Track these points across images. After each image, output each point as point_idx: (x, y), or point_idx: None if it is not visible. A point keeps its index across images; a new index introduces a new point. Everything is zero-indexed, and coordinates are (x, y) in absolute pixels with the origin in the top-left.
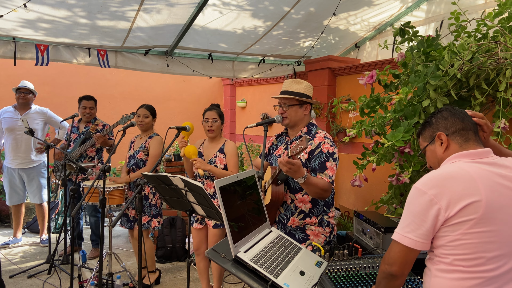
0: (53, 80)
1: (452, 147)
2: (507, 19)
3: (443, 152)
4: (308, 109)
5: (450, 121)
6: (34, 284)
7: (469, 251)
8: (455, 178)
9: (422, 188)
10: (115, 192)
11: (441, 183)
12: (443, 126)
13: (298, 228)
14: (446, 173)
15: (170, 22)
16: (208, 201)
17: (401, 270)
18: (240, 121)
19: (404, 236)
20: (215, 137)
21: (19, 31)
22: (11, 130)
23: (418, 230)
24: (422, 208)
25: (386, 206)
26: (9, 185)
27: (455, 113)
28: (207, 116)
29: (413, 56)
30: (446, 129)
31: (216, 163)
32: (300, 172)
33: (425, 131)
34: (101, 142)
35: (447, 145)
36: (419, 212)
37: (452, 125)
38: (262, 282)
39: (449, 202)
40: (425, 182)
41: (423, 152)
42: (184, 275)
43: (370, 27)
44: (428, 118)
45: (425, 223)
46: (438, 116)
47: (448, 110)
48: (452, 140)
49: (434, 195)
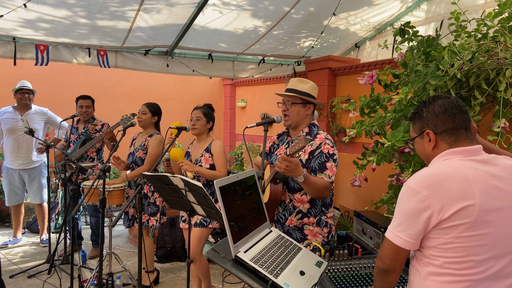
0: (53, 80)
1: (441, 146)
2: (507, 19)
3: (431, 150)
4: (311, 109)
5: (441, 119)
6: (34, 284)
7: (460, 254)
8: (450, 179)
9: (415, 187)
10: (115, 192)
11: (435, 184)
12: (433, 124)
13: (296, 228)
14: (440, 172)
15: (170, 22)
16: (208, 201)
17: (393, 266)
18: (240, 121)
19: (395, 235)
20: (200, 136)
21: (19, 31)
22: (12, 131)
23: (409, 230)
24: (414, 209)
25: (386, 206)
26: (8, 186)
27: (447, 109)
28: (192, 115)
29: (413, 56)
30: (435, 127)
31: (202, 162)
32: (298, 170)
33: (416, 121)
34: (110, 137)
35: (435, 144)
36: (411, 213)
37: (442, 124)
38: (262, 282)
39: (442, 205)
40: (418, 181)
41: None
42: (184, 275)
43: (370, 27)
44: (420, 107)
45: (416, 224)
46: (430, 110)
47: (441, 104)
48: (441, 139)
49: (428, 196)
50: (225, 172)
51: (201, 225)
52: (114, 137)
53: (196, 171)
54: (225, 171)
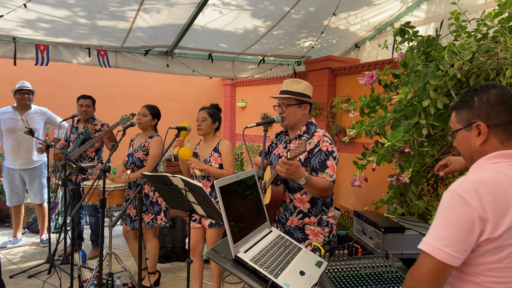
0: (53, 80)
1: (491, 142)
2: (507, 19)
3: (479, 145)
4: (307, 108)
5: (497, 110)
6: (34, 284)
7: (504, 275)
8: (504, 190)
9: (466, 196)
10: (115, 192)
11: (488, 194)
12: (486, 115)
13: (297, 228)
14: (495, 181)
15: (170, 22)
16: (208, 201)
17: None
18: (240, 121)
19: (440, 250)
20: (206, 136)
21: (19, 31)
22: (12, 131)
23: (460, 245)
24: (467, 221)
25: (386, 206)
26: (9, 186)
27: (505, 100)
28: (198, 116)
29: (413, 56)
30: (488, 119)
31: (211, 162)
32: (300, 173)
33: (463, 111)
34: (109, 136)
35: (486, 139)
36: (463, 225)
37: (497, 116)
38: (262, 282)
39: (496, 220)
40: (468, 190)
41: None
42: (184, 275)
43: (370, 27)
44: (471, 95)
45: (469, 239)
46: (484, 99)
47: (497, 94)
48: (494, 134)
49: (482, 208)
50: (233, 171)
51: (217, 224)
52: (114, 137)
53: (204, 169)
54: (232, 170)
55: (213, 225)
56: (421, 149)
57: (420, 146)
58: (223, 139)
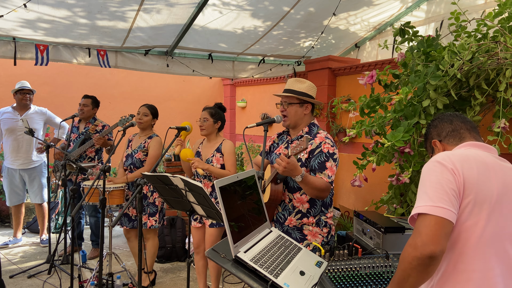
0: (53, 80)
1: (449, 149)
2: (507, 19)
3: None
4: (309, 109)
5: (439, 127)
6: (34, 284)
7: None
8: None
9: (442, 161)
10: (115, 192)
11: (459, 161)
12: (436, 134)
13: (296, 228)
14: (463, 154)
15: (170, 22)
16: (208, 201)
17: (440, 246)
18: (240, 121)
19: (435, 207)
20: (209, 136)
21: (19, 31)
22: (12, 131)
23: (448, 197)
24: (447, 176)
25: (386, 206)
26: (9, 185)
27: (443, 118)
28: (200, 116)
29: (413, 56)
30: (438, 136)
31: (213, 162)
32: (297, 170)
33: (426, 144)
34: (101, 143)
35: (444, 149)
36: (443, 179)
37: (442, 130)
38: (262, 282)
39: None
40: (443, 157)
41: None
42: (184, 275)
43: (370, 27)
44: (425, 132)
45: (454, 193)
46: (430, 126)
47: (437, 118)
48: (447, 143)
49: (455, 167)
50: (235, 171)
51: (217, 224)
52: (107, 142)
53: (206, 169)
54: (234, 170)
55: (213, 225)
56: (421, 149)
57: (420, 146)
58: (226, 140)
